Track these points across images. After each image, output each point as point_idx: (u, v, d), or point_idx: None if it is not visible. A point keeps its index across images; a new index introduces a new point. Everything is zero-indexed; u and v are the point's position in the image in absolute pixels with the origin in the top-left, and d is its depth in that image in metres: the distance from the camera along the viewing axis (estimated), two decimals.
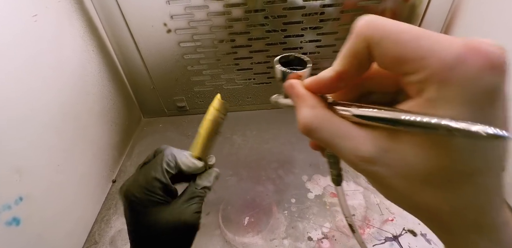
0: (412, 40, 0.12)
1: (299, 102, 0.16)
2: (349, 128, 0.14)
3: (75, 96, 0.46)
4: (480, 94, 0.11)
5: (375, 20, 0.13)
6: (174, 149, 0.30)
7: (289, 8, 0.53)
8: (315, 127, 0.15)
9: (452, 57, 0.11)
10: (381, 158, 0.13)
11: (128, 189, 0.28)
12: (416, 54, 0.11)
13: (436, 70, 0.11)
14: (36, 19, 0.39)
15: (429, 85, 0.11)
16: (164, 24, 0.54)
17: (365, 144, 0.13)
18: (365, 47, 0.13)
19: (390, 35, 0.12)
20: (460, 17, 0.53)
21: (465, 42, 0.11)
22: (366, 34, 0.13)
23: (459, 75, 0.11)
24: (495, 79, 0.11)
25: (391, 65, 0.13)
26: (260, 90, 0.65)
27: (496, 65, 0.11)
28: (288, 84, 0.17)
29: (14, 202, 0.32)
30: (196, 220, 0.28)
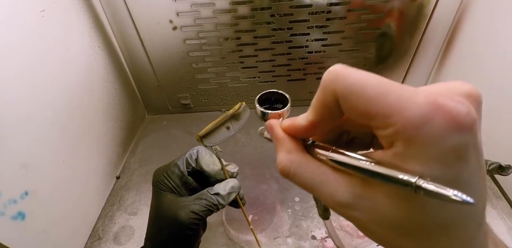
0: (377, 97, 0.11)
1: (277, 145, 0.16)
2: (325, 173, 0.14)
3: (81, 92, 0.46)
4: (446, 152, 0.11)
5: (341, 73, 0.12)
6: (204, 149, 0.33)
7: (296, 6, 0.52)
8: (292, 172, 0.15)
9: (417, 116, 0.11)
10: (356, 204, 0.13)
11: (156, 170, 0.32)
12: (382, 111, 0.11)
13: (402, 129, 0.11)
14: (43, 14, 0.39)
15: (397, 141, 0.11)
16: (170, 21, 0.54)
17: (340, 190, 0.13)
18: (333, 100, 0.13)
19: (356, 91, 0.12)
20: (469, 16, 0.52)
21: (430, 100, 0.11)
22: (332, 88, 0.13)
23: (424, 134, 0.11)
24: (461, 138, 0.10)
25: (360, 119, 0.12)
26: (264, 88, 0.64)
27: (462, 124, 0.10)
28: (268, 125, 0.17)
29: (19, 197, 0.33)
30: (189, 219, 0.28)
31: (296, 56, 0.59)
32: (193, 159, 0.31)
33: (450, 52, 0.57)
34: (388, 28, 0.55)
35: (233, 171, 0.32)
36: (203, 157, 0.31)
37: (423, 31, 0.56)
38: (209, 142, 0.30)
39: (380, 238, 0.14)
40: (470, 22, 0.52)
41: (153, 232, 0.30)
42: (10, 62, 0.33)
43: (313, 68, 0.61)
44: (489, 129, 0.48)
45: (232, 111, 0.31)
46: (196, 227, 0.29)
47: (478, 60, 0.50)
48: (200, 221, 0.29)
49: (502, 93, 0.45)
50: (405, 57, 0.60)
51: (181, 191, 0.30)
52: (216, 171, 0.31)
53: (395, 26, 0.55)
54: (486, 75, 0.49)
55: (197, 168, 0.32)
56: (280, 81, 0.64)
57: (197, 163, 0.31)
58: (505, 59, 0.44)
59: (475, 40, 0.51)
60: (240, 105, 0.31)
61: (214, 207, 0.29)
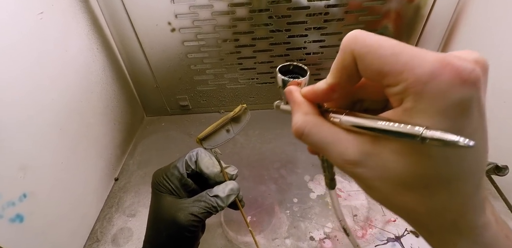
0: (391, 55, 0.12)
1: (295, 108, 0.17)
2: (337, 134, 0.15)
3: (80, 94, 0.46)
4: (451, 106, 0.11)
5: (360, 36, 0.13)
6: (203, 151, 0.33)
7: (294, 8, 0.53)
8: (307, 131, 0.16)
9: (426, 72, 0.11)
10: (364, 161, 0.14)
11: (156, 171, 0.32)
12: (395, 68, 0.12)
13: (412, 84, 0.12)
14: (42, 16, 0.39)
15: (406, 97, 0.12)
16: (169, 23, 0.54)
17: (350, 148, 0.14)
18: (352, 61, 0.14)
19: (372, 50, 0.13)
20: (465, 18, 0.52)
21: (439, 58, 0.12)
22: (351, 48, 0.14)
23: (432, 89, 0.11)
24: (465, 92, 0.11)
25: (374, 77, 0.13)
26: (263, 89, 0.65)
27: (466, 79, 0.11)
28: (288, 90, 0.18)
29: (18, 199, 0.33)
30: (188, 221, 0.28)
31: (294, 57, 0.60)
32: (192, 161, 0.32)
33: None
34: (385, 30, 0.56)
35: (232, 173, 0.32)
36: (202, 159, 0.32)
37: (420, 33, 0.56)
38: (209, 144, 0.30)
39: (382, 195, 0.14)
40: (467, 23, 0.52)
41: (152, 234, 0.30)
42: (9, 64, 0.33)
43: (311, 70, 0.60)
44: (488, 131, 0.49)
45: (232, 113, 0.31)
46: (195, 229, 0.29)
47: None
48: (199, 223, 0.29)
49: (498, 94, 0.45)
50: None
51: (180, 193, 0.30)
52: (215, 173, 0.31)
53: (392, 27, 0.55)
54: None
55: (197, 170, 0.32)
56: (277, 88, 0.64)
57: (197, 165, 0.32)
58: (501, 60, 0.45)
59: (472, 41, 0.51)
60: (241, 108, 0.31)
61: (213, 209, 0.29)
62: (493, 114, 0.47)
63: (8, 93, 0.33)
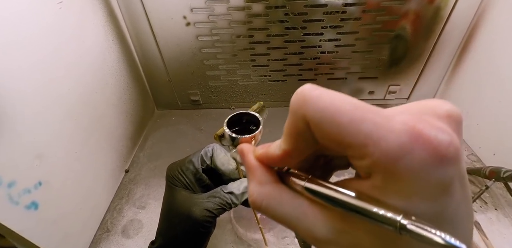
0: (350, 124, 0.10)
1: (249, 175, 0.15)
2: (301, 207, 0.13)
3: (94, 85, 0.46)
4: (430, 187, 0.10)
5: (309, 96, 0.11)
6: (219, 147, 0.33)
7: (311, 6, 0.52)
8: (264, 205, 0.14)
9: (395, 147, 0.10)
10: (336, 239, 0.12)
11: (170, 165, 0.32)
12: (357, 140, 0.10)
13: (379, 161, 0.10)
14: (61, 6, 0.39)
15: (375, 173, 0.10)
16: (184, 17, 0.54)
17: (318, 225, 0.12)
18: (305, 127, 0.12)
19: (327, 117, 0.11)
20: (487, 20, 0.51)
21: (408, 128, 0.10)
22: (303, 113, 0.11)
23: (404, 168, 0.10)
24: (445, 172, 0.10)
25: (334, 148, 0.11)
26: (275, 87, 0.65)
27: (444, 157, 0.09)
28: (240, 151, 0.16)
29: (33, 187, 0.33)
30: (202, 217, 0.28)
31: (308, 55, 0.59)
32: (208, 156, 0.32)
33: (465, 56, 0.57)
34: (403, 30, 0.55)
35: None
36: (218, 155, 0.31)
37: (438, 34, 0.55)
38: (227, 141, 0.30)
39: None
40: (488, 26, 0.51)
41: (165, 227, 0.30)
42: (27, 55, 0.33)
43: (325, 69, 0.61)
44: (504, 136, 0.48)
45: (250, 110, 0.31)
46: (209, 224, 0.29)
47: (494, 65, 0.50)
48: (213, 219, 0.29)
49: None
50: (419, 60, 0.59)
51: (195, 188, 0.31)
52: (230, 170, 0.31)
53: (410, 28, 0.55)
54: (502, 80, 0.48)
55: (211, 166, 0.32)
56: (291, 80, 0.64)
57: (212, 161, 0.31)
58: None
59: (492, 44, 0.50)
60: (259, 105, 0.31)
61: (228, 205, 0.29)
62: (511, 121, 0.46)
63: (26, 83, 0.33)
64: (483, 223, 0.42)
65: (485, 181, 0.45)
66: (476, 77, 0.54)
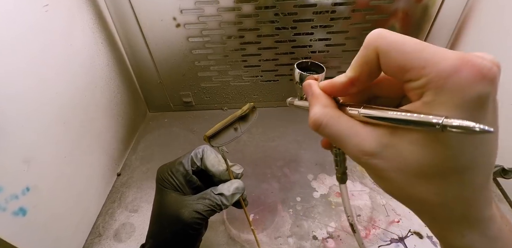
0: (414, 52, 0.13)
1: (313, 100, 0.17)
2: (354, 126, 0.16)
3: (84, 88, 0.46)
4: (470, 100, 0.12)
5: (384, 33, 0.14)
6: (209, 148, 0.33)
7: (300, 6, 0.52)
8: (324, 123, 0.16)
9: (448, 68, 0.12)
10: (381, 152, 0.14)
11: (160, 167, 0.32)
12: (417, 64, 0.13)
13: (433, 78, 0.12)
14: (47, 9, 0.39)
15: (427, 90, 0.13)
16: (174, 18, 0.54)
17: (367, 139, 0.15)
18: (375, 57, 0.14)
19: (396, 47, 0.14)
20: (474, 18, 0.52)
21: (460, 56, 0.12)
22: (375, 45, 0.14)
23: (453, 83, 0.12)
24: (484, 88, 0.12)
25: (396, 72, 0.14)
26: (267, 87, 0.65)
27: (486, 76, 0.12)
28: (307, 83, 0.19)
29: (21, 192, 0.32)
30: (192, 219, 0.28)
31: (299, 55, 0.59)
32: (198, 158, 0.31)
33: None
34: (392, 29, 0.54)
35: (238, 172, 0.32)
36: (208, 156, 0.31)
37: (427, 33, 0.56)
38: (216, 142, 0.30)
39: (395, 186, 0.15)
40: (475, 24, 0.52)
41: (155, 230, 0.30)
42: (13, 57, 0.33)
43: None
44: None
45: (240, 111, 0.30)
46: (199, 226, 0.28)
47: None
48: (203, 221, 0.29)
49: (508, 96, 0.45)
50: None
51: (185, 190, 0.30)
52: (221, 171, 0.31)
53: (399, 27, 0.55)
54: None
55: (202, 168, 0.31)
56: (283, 80, 0.64)
57: (202, 162, 0.31)
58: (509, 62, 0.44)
59: (480, 42, 0.51)
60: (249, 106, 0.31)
61: (218, 207, 0.29)
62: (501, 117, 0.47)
63: (13, 86, 0.33)
64: None
65: None
66: None
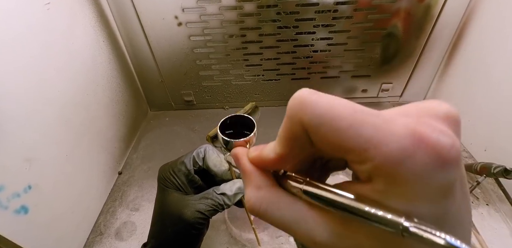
0: (350, 128, 0.10)
1: (245, 180, 0.14)
2: (300, 211, 0.13)
3: (85, 87, 0.46)
4: (433, 191, 0.10)
5: (307, 101, 0.11)
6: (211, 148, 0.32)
7: (302, 5, 0.52)
8: (262, 210, 0.13)
9: (397, 151, 0.09)
10: (336, 243, 0.12)
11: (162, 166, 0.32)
12: (357, 144, 0.10)
13: (380, 165, 0.10)
14: (49, 7, 0.39)
15: (376, 177, 0.10)
16: (175, 17, 0.54)
17: (318, 229, 0.12)
18: (302, 131, 0.11)
19: (325, 122, 0.10)
20: (476, 18, 0.52)
21: (409, 131, 0.10)
22: (299, 118, 0.11)
23: (407, 172, 0.10)
24: (448, 175, 0.10)
25: (333, 153, 0.11)
26: (268, 86, 0.65)
27: (446, 160, 0.09)
28: (234, 155, 0.15)
29: (23, 190, 0.32)
30: (194, 218, 0.28)
31: (301, 54, 0.59)
32: (200, 157, 0.31)
33: (456, 53, 0.57)
34: (394, 29, 0.55)
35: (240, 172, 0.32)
36: (210, 156, 0.31)
37: (429, 33, 0.56)
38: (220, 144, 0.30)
39: None
40: (477, 24, 0.52)
41: (158, 229, 0.30)
42: (15, 55, 0.33)
43: (318, 67, 0.61)
44: (494, 133, 0.48)
45: (242, 111, 0.30)
46: (201, 226, 0.29)
47: (484, 62, 0.50)
48: (205, 221, 0.29)
49: (507, 97, 0.45)
50: (410, 58, 0.60)
51: (187, 189, 0.30)
52: (223, 171, 0.31)
53: (401, 26, 0.55)
54: (492, 78, 0.49)
55: (204, 167, 0.31)
56: (284, 79, 0.63)
57: (204, 162, 0.31)
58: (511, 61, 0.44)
59: (482, 42, 0.51)
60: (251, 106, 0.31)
61: (220, 207, 0.29)
62: (502, 118, 0.47)
63: (14, 85, 0.33)
64: (475, 218, 0.42)
65: (477, 177, 0.45)
66: (466, 74, 0.55)
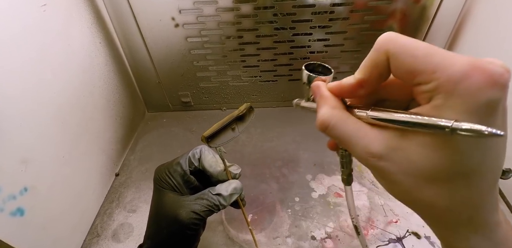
0: (425, 56, 0.13)
1: (322, 101, 0.17)
2: (362, 128, 0.15)
3: (82, 88, 0.46)
4: (479, 105, 0.12)
5: (395, 36, 0.14)
6: (207, 148, 0.33)
7: (299, 6, 0.52)
8: (332, 124, 0.16)
9: (458, 72, 0.12)
10: (389, 155, 0.14)
11: (158, 167, 0.32)
12: (428, 68, 0.13)
13: (443, 83, 0.12)
14: (45, 8, 0.39)
15: (437, 94, 0.13)
16: (172, 18, 0.54)
17: (375, 142, 0.15)
18: (385, 60, 0.14)
19: (406, 50, 0.13)
20: (471, 19, 0.52)
21: (470, 61, 0.12)
22: (386, 48, 0.14)
23: (463, 88, 0.12)
24: (494, 94, 0.12)
25: (406, 76, 0.14)
26: (265, 87, 0.65)
27: (497, 82, 0.12)
28: (315, 85, 0.19)
29: (19, 193, 0.32)
30: (189, 219, 0.28)
31: (298, 56, 0.59)
32: (196, 158, 0.31)
33: None
34: (390, 30, 0.55)
35: (235, 172, 0.32)
36: (206, 157, 0.31)
37: (425, 33, 0.56)
38: (214, 143, 0.30)
39: (402, 189, 0.15)
40: (473, 25, 0.52)
41: (153, 230, 0.30)
42: (11, 57, 0.33)
43: None
44: None
45: (237, 112, 0.30)
46: (196, 227, 0.28)
47: None
48: (200, 221, 0.29)
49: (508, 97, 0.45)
50: None
51: (182, 190, 0.30)
52: (218, 171, 0.31)
53: (397, 27, 0.55)
54: None
55: (200, 168, 0.31)
56: (282, 80, 0.64)
57: (200, 162, 0.31)
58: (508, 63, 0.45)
59: (477, 43, 0.51)
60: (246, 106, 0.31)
61: (215, 207, 0.29)
62: None
63: (10, 86, 0.32)
64: None
65: None
66: None
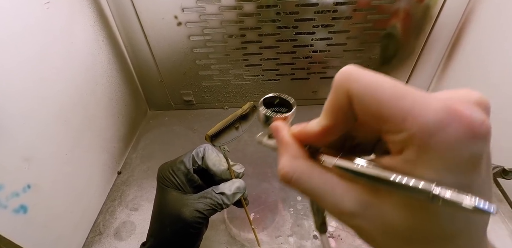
0: (391, 99, 0.11)
1: (282, 149, 0.15)
2: (330, 181, 0.14)
3: (84, 86, 0.46)
4: (462, 162, 0.10)
5: (354, 73, 0.12)
6: (210, 147, 0.32)
7: (302, 5, 0.52)
8: (295, 178, 0.14)
9: (432, 122, 0.10)
10: (362, 212, 0.13)
11: (161, 165, 0.32)
12: (396, 114, 0.11)
13: (415, 134, 0.11)
14: (48, 6, 0.39)
15: (409, 147, 0.11)
16: (175, 16, 0.54)
17: (345, 197, 0.13)
18: (347, 101, 0.12)
19: (370, 92, 0.11)
20: (475, 19, 0.52)
21: (446, 106, 0.10)
22: (346, 88, 0.12)
23: (439, 142, 0.10)
24: (477, 147, 0.10)
25: (372, 122, 0.12)
26: (268, 86, 0.65)
27: (477, 134, 0.10)
28: (274, 127, 0.16)
29: (22, 190, 0.32)
30: (192, 218, 0.28)
31: (300, 55, 0.59)
32: (199, 157, 0.31)
33: (455, 54, 0.57)
34: (393, 29, 0.55)
35: (239, 171, 0.32)
36: (209, 155, 0.31)
37: (428, 33, 0.56)
38: (218, 142, 0.30)
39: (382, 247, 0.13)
40: (476, 24, 0.52)
41: (156, 228, 0.30)
42: (13, 55, 0.33)
43: (317, 67, 0.61)
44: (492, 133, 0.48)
45: (241, 111, 0.30)
46: (199, 225, 0.29)
47: (483, 63, 0.50)
48: (204, 220, 0.29)
49: (507, 97, 0.45)
50: (409, 59, 0.60)
51: (186, 188, 0.30)
52: (222, 170, 0.31)
53: (400, 27, 0.55)
54: (490, 78, 0.49)
55: (203, 166, 0.31)
56: (284, 79, 0.64)
57: (203, 161, 0.31)
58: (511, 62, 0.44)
59: (481, 42, 0.51)
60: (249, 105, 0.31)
61: (219, 206, 0.29)
62: (500, 118, 0.47)
63: (13, 84, 0.32)
64: None
65: None
66: (466, 75, 0.55)
